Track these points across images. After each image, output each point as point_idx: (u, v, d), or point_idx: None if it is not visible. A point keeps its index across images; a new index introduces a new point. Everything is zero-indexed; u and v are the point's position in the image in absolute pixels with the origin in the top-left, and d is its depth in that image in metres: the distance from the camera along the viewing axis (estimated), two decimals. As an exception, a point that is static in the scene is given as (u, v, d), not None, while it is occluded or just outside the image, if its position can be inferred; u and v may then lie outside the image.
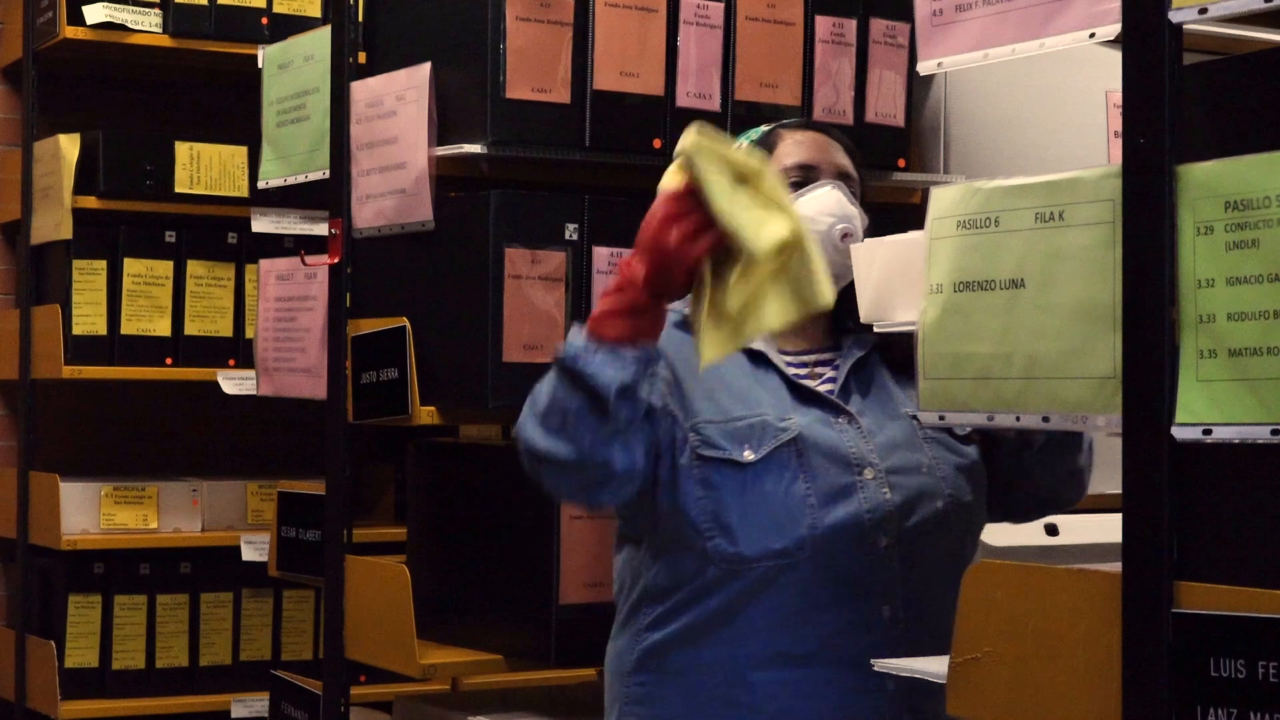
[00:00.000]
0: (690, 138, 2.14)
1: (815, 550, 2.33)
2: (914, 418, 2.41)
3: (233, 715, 4.56)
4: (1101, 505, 2.69)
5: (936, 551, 2.39)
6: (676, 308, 2.42)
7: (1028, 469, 2.50)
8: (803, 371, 2.46)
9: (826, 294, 2.13)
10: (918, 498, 2.39)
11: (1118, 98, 1.71)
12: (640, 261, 2.21)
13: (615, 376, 2.21)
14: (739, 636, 2.36)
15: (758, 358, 2.44)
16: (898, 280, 2.14)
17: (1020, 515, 2.62)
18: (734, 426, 2.37)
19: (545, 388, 2.30)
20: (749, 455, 2.35)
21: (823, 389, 2.44)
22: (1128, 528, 1.67)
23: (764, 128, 2.60)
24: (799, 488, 2.34)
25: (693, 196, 2.15)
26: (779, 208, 2.12)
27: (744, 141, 2.56)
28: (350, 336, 3.14)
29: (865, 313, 2.20)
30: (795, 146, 2.52)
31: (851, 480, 2.36)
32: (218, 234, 4.65)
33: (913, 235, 2.10)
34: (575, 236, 2.98)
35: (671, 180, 2.19)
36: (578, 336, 2.25)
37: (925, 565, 2.37)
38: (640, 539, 2.46)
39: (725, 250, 2.14)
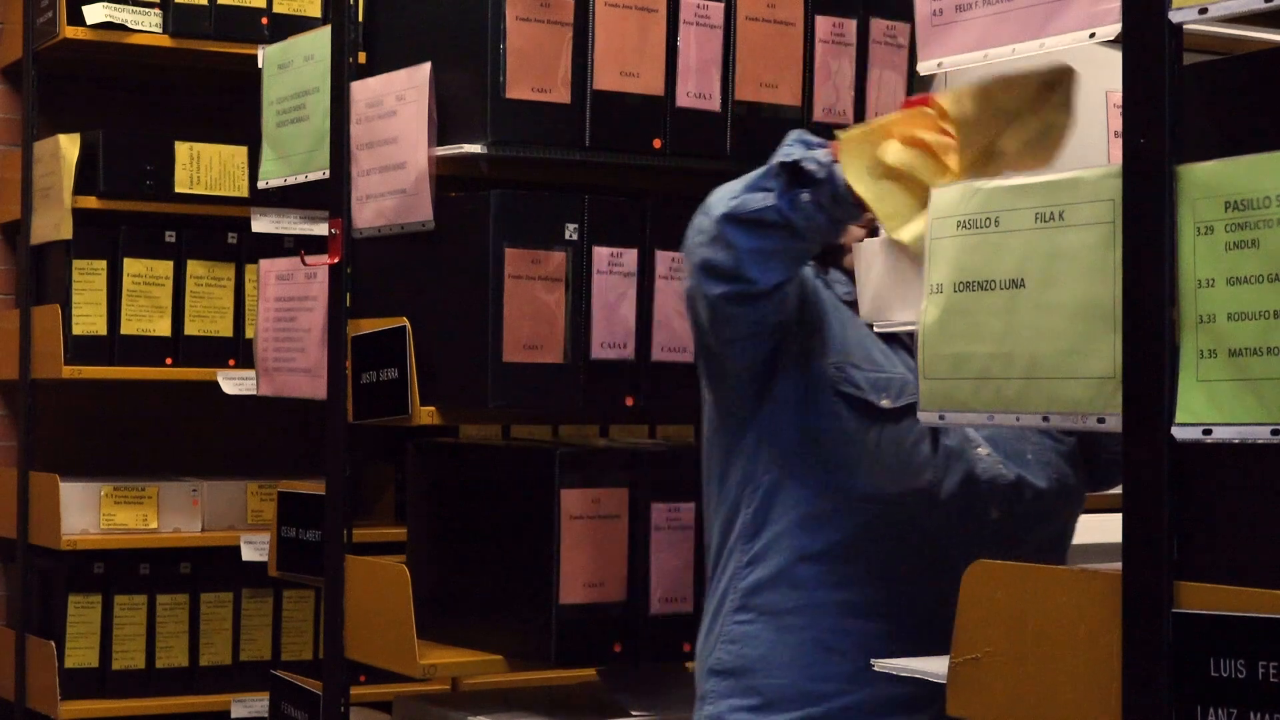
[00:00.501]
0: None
1: (928, 506, 2.36)
2: None
3: (233, 715, 4.56)
4: (1101, 505, 2.69)
5: (1040, 535, 2.45)
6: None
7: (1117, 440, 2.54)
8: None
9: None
10: (1028, 481, 2.45)
11: (1118, 98, 1.71)
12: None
13: (800, 153, 2.29)
14: (840, 582, 2.38)
15: (888, 337, 2.50)
16: (898, 280, 2.14)
17: (1110, 484, 2.66)
18: (876, 376, 2.44)
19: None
20: (886, 403, 2.42)
21: None
22: (1128, 528, 1.67)
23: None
24: (925, 445, 2.40)
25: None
26: None
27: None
28: (350, 336, 3.14)
29: (865, 313, 2.20)
30: None
31: (973, 452, 2.42)
32: (218, 234, 4.65)
33: (913, 235, 2.10)
34: (575, 236, 2.98)
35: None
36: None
37: (1028, 546, 2.39)
38: (731, 470, 2.46)
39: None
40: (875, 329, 2.20)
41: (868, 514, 2.38)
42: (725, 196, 2.37)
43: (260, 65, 3.52)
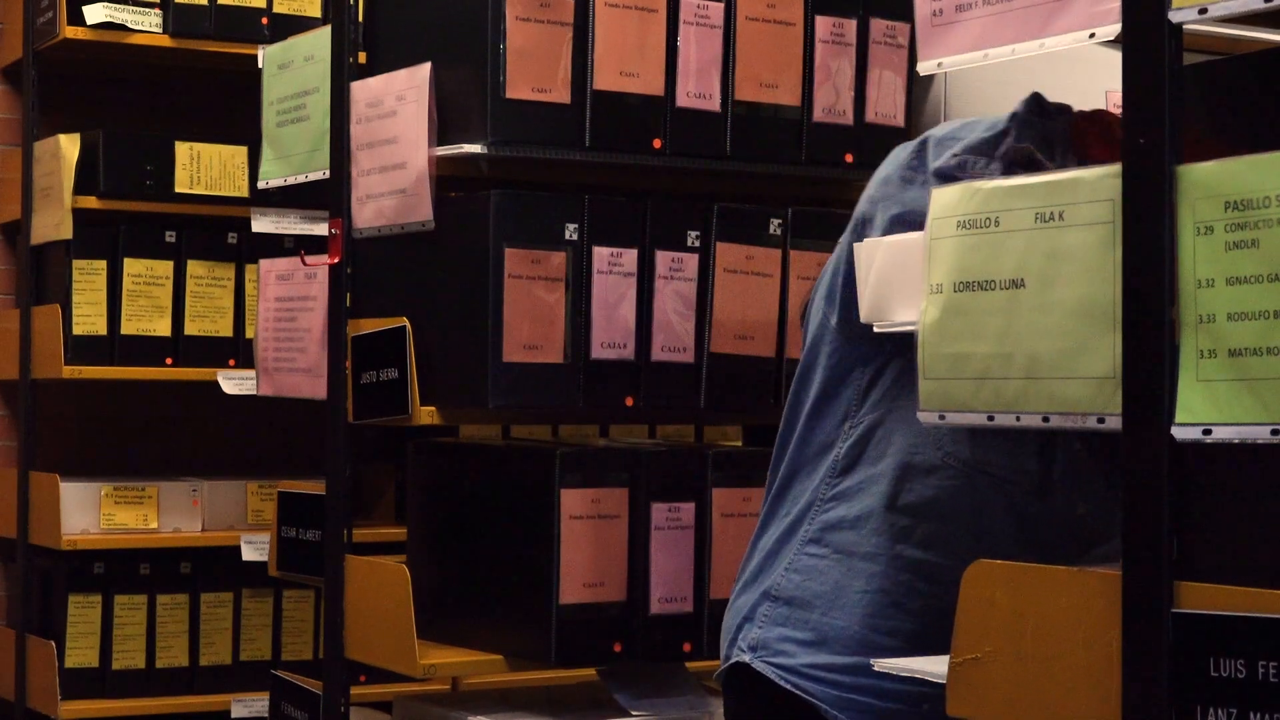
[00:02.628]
0: None
1: (1028, 488, 2.32)
2: None
3: (233, 715, 4.56)
4: (1101, 505, 2.69)
5: (1112, 544, 2.40)
6: None
7: None
8: None
9: None
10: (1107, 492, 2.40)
11: (1118, 98, 1.72)
12: None
13: None
14: (923, 541, 2.31)
15: None
16: (898, 280, 2.13)
17: None
18: None
19: None
20: None
21: None
22: (1128, 528, 1.67)
23: None
24: (1034, 435, 2.31)
25: None
26: None
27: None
28: (350, 336, 3.14)
29: (865, 313, 2.20)
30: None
31: (1072, 444, 2.37)
32: (218, 234, 4.65)
33: (913, 235, 2.10)
34: (575, 236, 2.98)
35: None
36: None
37: (1099, 552, 2.36)
38: (846, 390, 2.42)
39: None
40: (875, 329, 2.19)
41: (969, 481, 2.33)
42: (946, 154, 2.25)
43: (260, 65, 3.52)
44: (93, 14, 4.43)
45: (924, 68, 2.00)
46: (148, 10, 4.49)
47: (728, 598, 2.52)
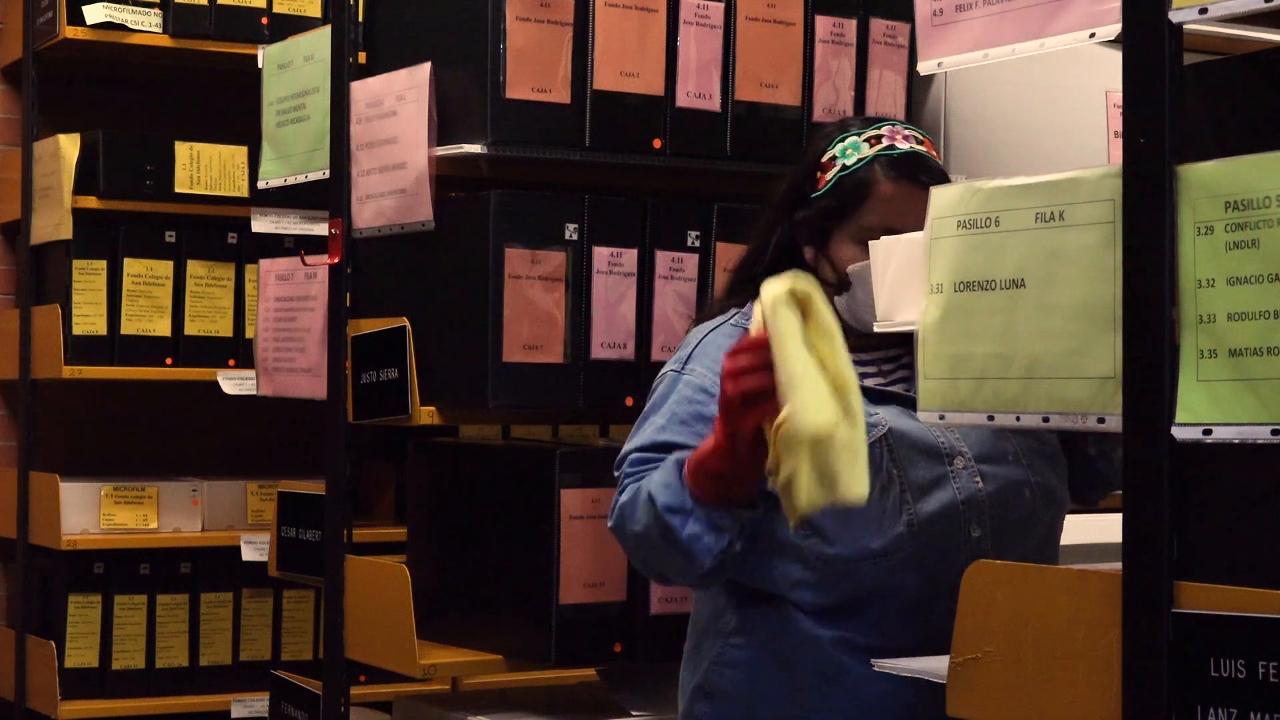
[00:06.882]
0: (774, 287, 2.06)
1: (914, 546, 2.35)
2: None
3: (233, 715, 4.56)
4: (1101, 505, 2.69)
5: (1027, 542, 2.42)
6: (739, 321, 2.48)
7: (1109, 456, 2.53)
8: (871, 369, 2.46)
9: (859, 490, 2.03)
10: (1008, 488, 2.41)
11: (1118, 98, 1.72)
12: (718, 427, 2.20)
13: (712, 546, 2.27)
14: (838, 623, 2.37)
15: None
16: (910, 278, 2.13)
17: (1096, 497, 2.63)
18: None
19: (642, 515, 2.32)
20: None
21: (896, 387, 2.45)
22: (1128, 528, 1.67)
23: (868, 153, 2.49)
24: (894, 487, 2.36)
25: (766, 349, 2.07)
26: (838, 388, 2.05)
27: (839, 154, 2.51)
28: (350, 336, 3.14)
29: (880, 313, 2.19)
30: (885, 205, 2.43)
31: (943, 470, 2.39)
32: (218, 234, 4.65)
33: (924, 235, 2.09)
34: (575, 236, 2.98)
35: (756, 321, 2.12)
36: (677, 483, 2.28)
37: (1016, 555, 2.37)
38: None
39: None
40: (877, 328, 2.19)
41: (854, 570, 2.36)
42: (652, 574, 2.43)
43: (260, 65, 3.52)
44: (93, 14, 4.43)
45: (924, 68, 2.00)
46: (148, 10, 4.49)
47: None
